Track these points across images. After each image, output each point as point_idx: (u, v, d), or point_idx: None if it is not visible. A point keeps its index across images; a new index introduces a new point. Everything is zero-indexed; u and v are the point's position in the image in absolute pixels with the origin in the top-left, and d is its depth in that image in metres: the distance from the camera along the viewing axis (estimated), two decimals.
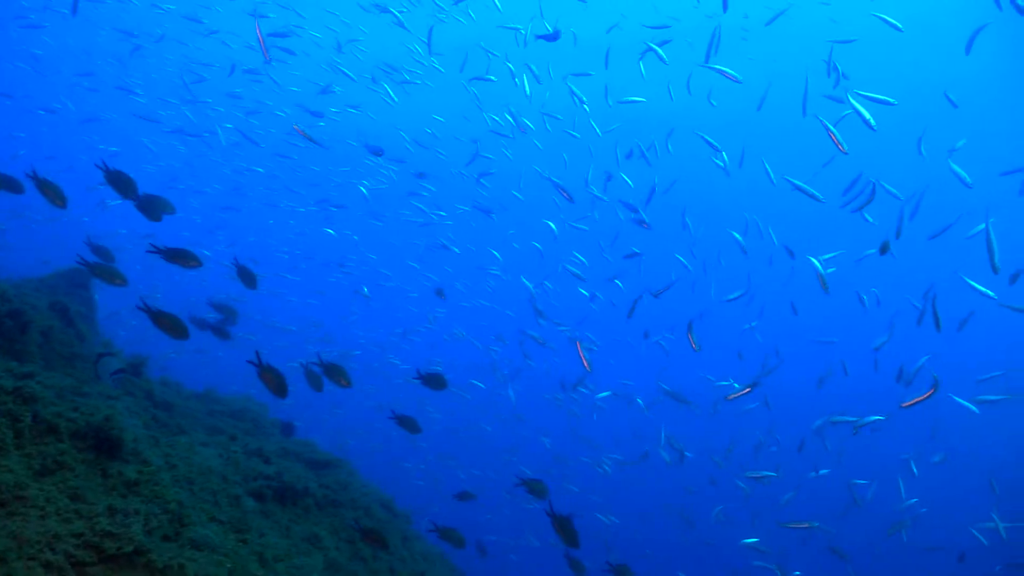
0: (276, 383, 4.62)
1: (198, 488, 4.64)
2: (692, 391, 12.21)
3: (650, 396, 14.42)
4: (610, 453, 15.79)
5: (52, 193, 4.76)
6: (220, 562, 4.02)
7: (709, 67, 7.98)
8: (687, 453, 11.12)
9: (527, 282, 14.15)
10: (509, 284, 19.85)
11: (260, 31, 7.55)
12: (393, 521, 6.83)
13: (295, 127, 6.87)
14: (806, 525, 8.21)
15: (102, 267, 4.96)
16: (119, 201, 4.89)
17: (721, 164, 9.72)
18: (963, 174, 7.33)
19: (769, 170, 8.21)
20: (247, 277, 5.78)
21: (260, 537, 4.79)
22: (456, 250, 16.80)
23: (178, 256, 4.79)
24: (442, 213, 16.84)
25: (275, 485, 5.49)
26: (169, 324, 4.59)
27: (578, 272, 10.12)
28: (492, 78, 12.94)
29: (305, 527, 5.58)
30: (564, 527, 4.60)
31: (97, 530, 3.39)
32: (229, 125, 19.47)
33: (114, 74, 23.24)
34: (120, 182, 4.68)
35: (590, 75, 11.04)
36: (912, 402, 4.92)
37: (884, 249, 5.87)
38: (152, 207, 5.02)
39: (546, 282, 16.41)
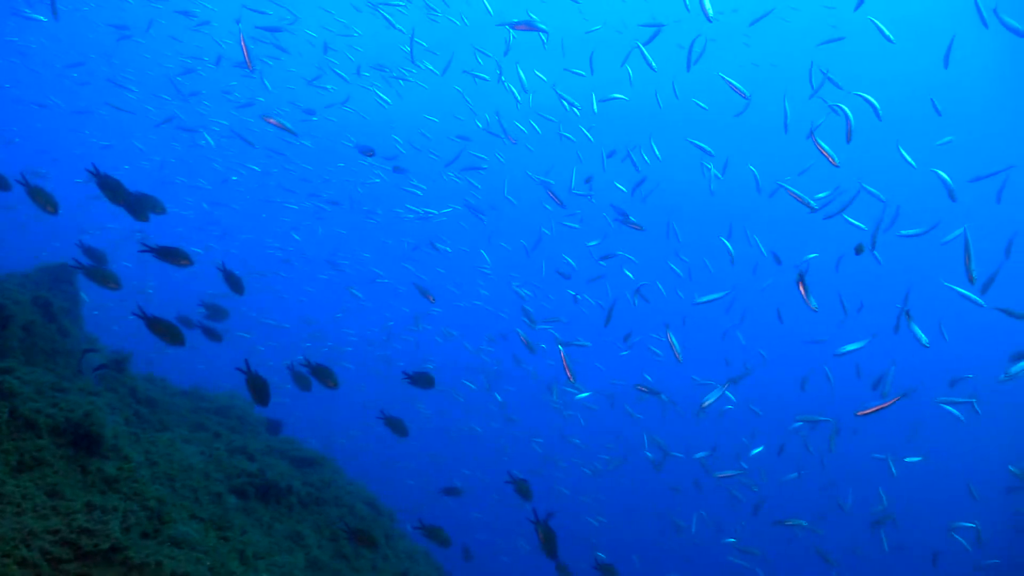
0: (258, 391, 4.69)
1: (179, 485, 4.65)
2: (679, 392, 12.28)
3: (637, 396, 14.48)
4: (595, 455, 15.86)
5: (43, 199, 4.75)
6: (199, 559, 4.03)
7: (724, 78, 8.06)
8: (677, 453, 11.19)
9: (516, 286, 14.19)
10: (500, 284, 19.92)
11: (244, 41, 7.54)
12: (377, 519, 6.85)
13: (265, 118, 6.83)
14: (795, 523, 8.30)
15: (96, 270, 4.95)
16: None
17: (712, 169, 9.80)
18: (948, 181, 7.40)
19: (754, 171, 8.27)
20: (234, 282, 5.81)
21: (241, 535, 4.79)
22: (448, 249, 16.81)
23: (169, 254, 4.81)
24: (433, 211, 16.88)
25: (258, 482, 5.50)
26: (165, 330, 4.62)
27: (564, 273, 10.16)
28: (484, 76, 12.99)
29: (288, 525, 5.59)
30: (547, 536, 4.61)
31: (74, 527, 3.40)
32: (224, 121, 19.42)
33: (104, 65, 23.13)
34: (110, 186, 4.68)
35: (581, 74, 11.07)
36: (868, 411, 5.00)
37: (859, 250, 5.92)
38: (141, 207, 5.02)
39: (526, 287, 16.47)
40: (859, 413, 5.00)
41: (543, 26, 7.38)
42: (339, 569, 5.71)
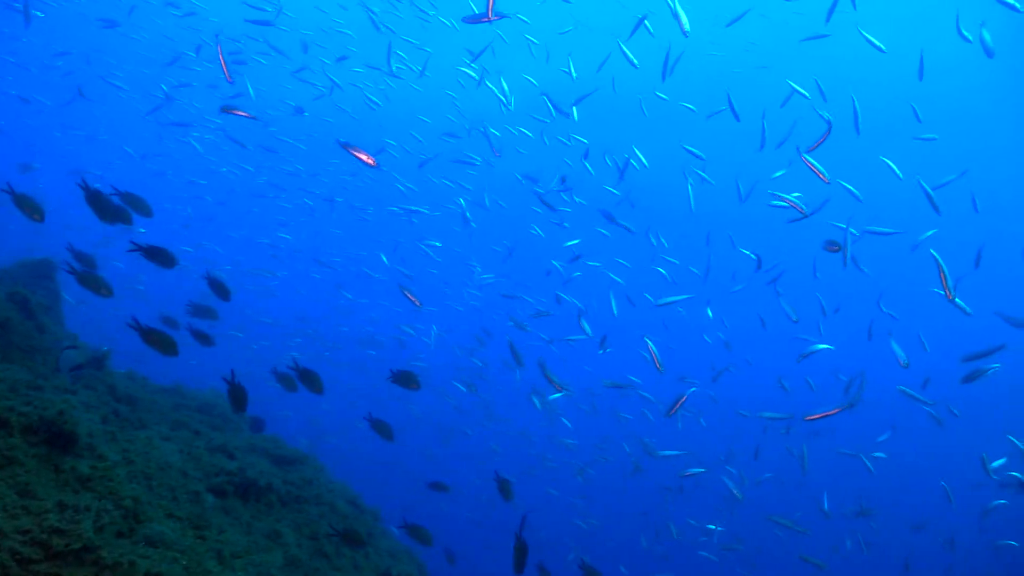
0: (237, 400, 4.76)
1: (156, 484, 4.63)
2: (669, 392, 12.31)
3: (626, 397, 14.54)
4: (585, 455, 15.91)
5: (30, 208, 4.73)
6: (175, 559, 4.01)
7: (729, 98, 8.15)
8: (667, 453, 11.25)
9: (504, 292, 14.24)
10: (490, 285, 19.94)
11: (222, 54, 7.50)
12: (359, 517, 6.85)
13: (223, 108, 6.77)
14: (782, 521, 8.37)
15: (88, 276, 4.92)
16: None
17: (702, 174, 9.88)
18: (932, 194, 7.46)
19: (739, 183, 8.33)
20: (220, 290, 5.82)
21: (219, 534, 4.78)
22: (433, 251, 16.80)
23: (157, 255, 4.82)
24: (424, 210, 16.91)
25: (237, 481, 5.48)
26: (158, 340, 4.65)
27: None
28: (474, 75, 13.04)
29: (267, 523, 5.58)
30: (519, 550, 4.66)
31: (45, 527, 3.38)
32: (218, 121, 19.31)
33: (92, 56, 22.97)
34: (99, 203, 4.68)
35: (570, 73, 11.11)
36: (816, 416, 5.08)
37: (834, 248, 5.97)
38: (127, 214, 5.00)
39: (513, 287, 16.54)
40: (808, 418, 5.09)
41: (510, 14, 7.32)
42: (319, 567, 5.71)
